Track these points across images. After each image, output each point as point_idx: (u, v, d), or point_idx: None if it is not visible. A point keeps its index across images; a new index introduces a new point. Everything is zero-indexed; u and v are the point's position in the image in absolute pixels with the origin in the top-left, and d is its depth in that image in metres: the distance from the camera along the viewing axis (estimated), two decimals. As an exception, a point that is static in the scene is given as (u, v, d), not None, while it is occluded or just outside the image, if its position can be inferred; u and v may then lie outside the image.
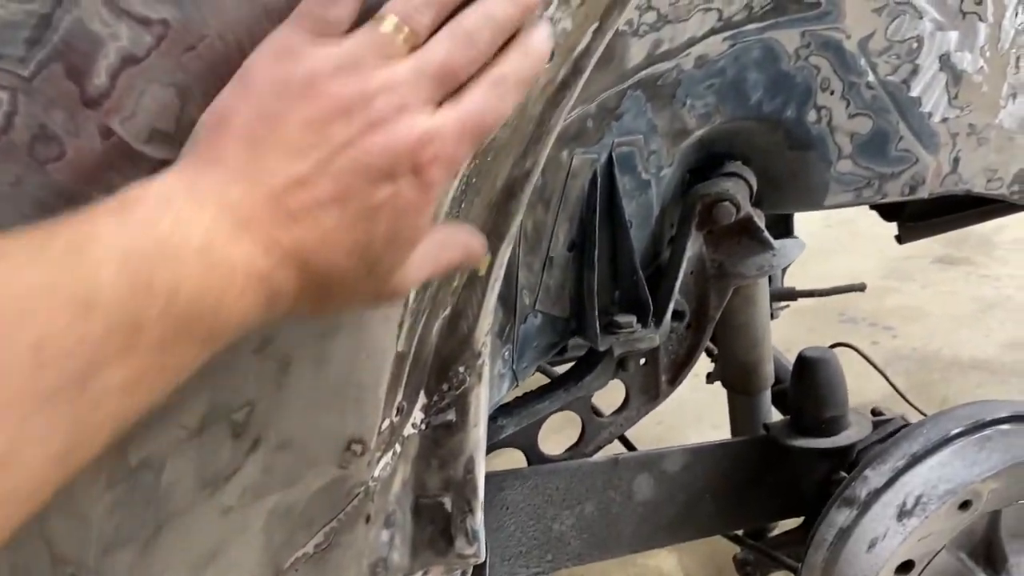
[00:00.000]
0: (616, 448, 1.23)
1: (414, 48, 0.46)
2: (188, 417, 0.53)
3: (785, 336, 2.61)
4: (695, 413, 2.11)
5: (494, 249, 0.61)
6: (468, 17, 0.47)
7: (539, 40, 0.50)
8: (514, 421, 0.88)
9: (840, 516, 0.88)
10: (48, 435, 0.38)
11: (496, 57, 0.48)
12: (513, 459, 0.96)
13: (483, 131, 0.49)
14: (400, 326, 0.55)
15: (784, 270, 1.59)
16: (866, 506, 0.86)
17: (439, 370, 0.61)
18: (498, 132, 0.56)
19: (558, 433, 1.01)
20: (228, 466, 0.55)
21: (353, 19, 0.46)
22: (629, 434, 1.08)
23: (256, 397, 0.54)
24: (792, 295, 1.51)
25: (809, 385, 0.95)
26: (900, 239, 1.23)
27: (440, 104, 0.47)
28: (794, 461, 0.97)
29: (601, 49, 0.61)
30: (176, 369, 0.42)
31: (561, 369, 1.05)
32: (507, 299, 0.83)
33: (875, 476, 0.86)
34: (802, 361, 0.96)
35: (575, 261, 0.89)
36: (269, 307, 0.45)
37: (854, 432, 0.95)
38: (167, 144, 0.47)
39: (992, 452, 0.86)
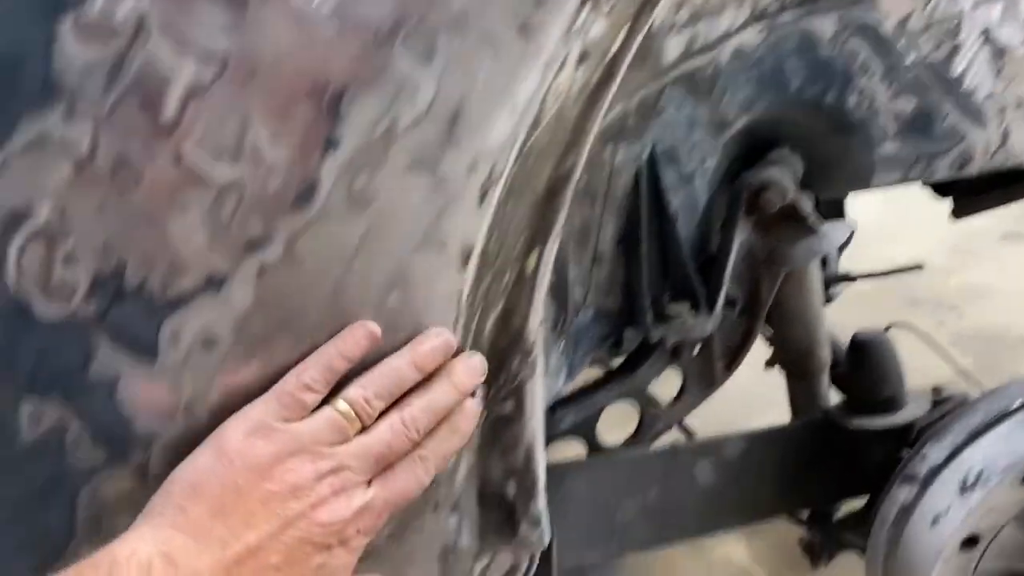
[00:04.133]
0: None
1: (363, 429, 0.54)
2: None
3: (849, 320, 2.58)
4: (759, 401, 2.11)
5: (540, 246, 0.64)
6: (413, 406, 0.55)
7: (466, 421, 0.58)
8: (572, 412, 0.90)
9: (902, 493, 0.89)
10: None
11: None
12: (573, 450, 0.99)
13: (405, 502, 0.56)
14: (455, 323, 0.58)
15: (842, 252, 1.58)
16: (927, 483, 0.86)
17: (496, 362, 0.64)
18: (536, 136, 0.59)
19: (619, 428, 1.04)
20: None
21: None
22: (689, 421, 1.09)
23: None
24: (849, 278, 1.50)
25: (864, 366, 0.96)
26: (955, 214, 1.22)
27: (370, 480, 0.54)
28: (853, 442, 0.97)
29: (634, 50, 0.63)
30: None
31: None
32: (559, 293, 0.85)
33: (935, 452, 0.86)
34: (856, 343, 0.96)
35: (624, 255, 0.92)
36: None
37: (912, 410, 0.95)
38: (231, 164, 0.51)
39: (1051, 424, 0.86)
